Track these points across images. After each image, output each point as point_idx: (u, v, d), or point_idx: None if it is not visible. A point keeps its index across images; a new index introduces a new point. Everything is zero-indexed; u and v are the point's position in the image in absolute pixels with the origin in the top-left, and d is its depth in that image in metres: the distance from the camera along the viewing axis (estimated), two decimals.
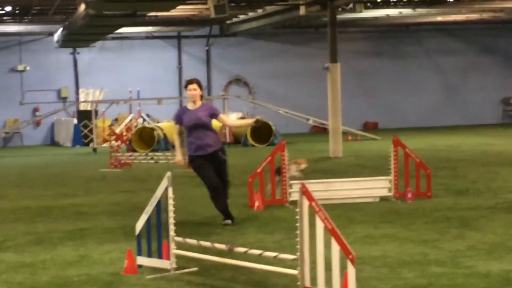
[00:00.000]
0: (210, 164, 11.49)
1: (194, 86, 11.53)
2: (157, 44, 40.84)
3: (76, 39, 34.81)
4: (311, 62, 39.49)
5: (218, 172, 11.59)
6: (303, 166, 14.14)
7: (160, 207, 8.65)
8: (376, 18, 37.14)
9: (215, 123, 11.96)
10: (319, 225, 7.03)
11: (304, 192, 7.18)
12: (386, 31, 42.57)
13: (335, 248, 6.87)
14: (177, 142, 11.87)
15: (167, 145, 30.01)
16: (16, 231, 11.88)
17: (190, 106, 11.66)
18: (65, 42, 36.10)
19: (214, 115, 11.55)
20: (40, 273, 8.84)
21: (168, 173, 8.65)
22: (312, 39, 41.26)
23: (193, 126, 11.45)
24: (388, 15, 35.92)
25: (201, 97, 11.71)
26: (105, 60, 39.91)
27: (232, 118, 24.74)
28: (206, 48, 41.42)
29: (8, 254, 10.02)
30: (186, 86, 11.64)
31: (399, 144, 13.77)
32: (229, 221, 11.59)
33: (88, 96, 37.62)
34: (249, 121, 11.62)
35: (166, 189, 8.61)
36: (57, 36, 36.58)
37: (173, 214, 8.58)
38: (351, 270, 6.72)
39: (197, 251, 8.68)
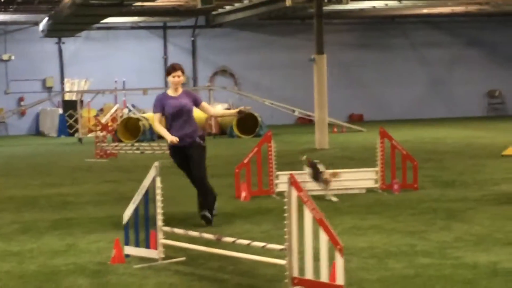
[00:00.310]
0: (186, 157, 10.92)
1: (179, 73, 10.95)
2: (143, 34, 40.74)
3: (61, 28, 34.71)
4: (297, 54, 39.51)
5: (192, 163, 10.95)
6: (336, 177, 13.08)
7: (148, 197, 8.64)
8: (362, 10, 37.18)
9: (199, 115, 11.77)
10: (307, 215, 7.04)
11: (293, 182, 7.19)
12: (372, 23, 42.62)
13: (323, 238, 6.88)
14: (161, 128, 11.11)
15: (152, 136, 29.95)
16: (2, 220, 11.84)
17: (171, 93, 11.05)
18: (50, 32, 35.98)
19: (197, 102, 11.07)
20: (27, 262, 8.82)
21: (156, 163, 8.63)
22: (298, 30, 41.26)
23: (177, 113, 10.88)
24: (374, 7, 35.97)
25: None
26: (90, 50, 39.78)
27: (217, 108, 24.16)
28: (192, 38, 41.36)
29: None
30: (169, 72, 10.97)
31: (385, 136, 13.80)
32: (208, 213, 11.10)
33: (73, 86, 37.49)
34: (232, 111, 11.02)
35: (154, 179, 8.60)
36: (42, 25, 36.43)
37: (161, 204, 8.57)
38: (339, 261, 6.73)
39: (184, 241, 8.68)
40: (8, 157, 24.42)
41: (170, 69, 11.01)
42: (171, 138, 10.73)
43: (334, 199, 11.89)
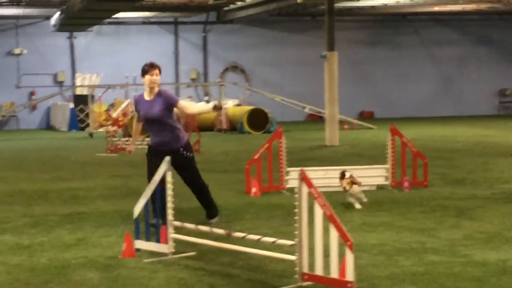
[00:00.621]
0: (159, 162, 9.36)
1: (156, 71, 10.24)
2: (154, 29, 40.79)
3: (73, 23, 34.78)
4: (307, 50, 39.51)
5: (185, 174, 10.48)
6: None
7: (161, 191, 8.67)
8: (373, 7, 37.15)
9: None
10: (318, 211, 7.06)
11: (303, 178, 7.21)
12: (383, 20, 42.58)
13: (334, 234, 6.90)
14: (134, 129, 10.86)
15: None
16: (13, 214, 11.89)
17: (146, 95, 10.33)
18: (62, 26, 36.06)
19: (171, 105, 10.21)
20: (38, 255, 8.86)
21: (167, 158, 8.66)
22: (309, 27, 41.25)
23: (147, 121, 10.28)
24: (385, 4, 35.92)
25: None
26: (101, 45, 39.84)
27: (198, 104, 22.01)
28: (203, 34, 41.37)
29: (5, 236, 10.04)
30: (146, 71, 10.20)
31: (396, 133, 13.79)
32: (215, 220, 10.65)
33: (84, 81, 37.58)
34: (208, 106, 10.17)
35: (164, 174, 8.63)
36: (54, 20, 36.51)
37: (172, 199, 8.59)
38: (349, 257, 6.75)
39: (195, 236, 8.71)
40: (19, 151, 24.50)
41: (147, 68, 10.25)
42: (128, 148, 10.72)
43: (357, 206, 11.69)
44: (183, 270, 7.97)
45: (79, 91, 37.11)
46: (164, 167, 8.60)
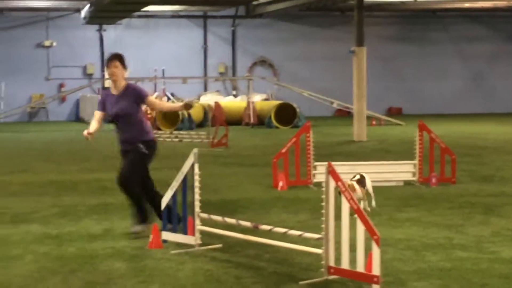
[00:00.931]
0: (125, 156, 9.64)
1: (115, 63, 9.53)
2: (183, 23, 40.85)
3: (103, 16, 34.92)
4: (336, 46, 39.42)
5: (126, 162, 9.65)
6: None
7: (186, 184, 8.70)
8: (403, 2, 37.01)
9: (238, 104, 10.93)
10: (345, 205, 7.06)
11: (331, 171, 7.21)
12: (413, 16, 42.35)
13: (360, 228, 6.89)
14: (92, 122, 9.67)
15: (191, 124, 30.08)
16: (42, 204, 11.99)
17: (112, 90, 9.66)
18: (92, 19, 36.21)
19: (140, 100, 9.54)
20: (65, 244, 8.93)
21: (195, 150, 8.69)
22: (337, 22, 41.14)
23: (115, 116, 9.56)
24: (415, 0, 35.76)
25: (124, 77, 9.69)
26: (131, 38, 39.97)
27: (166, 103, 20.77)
28: (232, 28, 41.38)
29: (34, 226, 10.13)
30: (106, 64, 9.66)
31: (424, 129, 13.74)
32: (138, 228, 9.49)
33: None
34: (179, 104, 9.78)
35: (192, 166, 8.66)
36: (84, 12, 36.68)
37: (199, 191, 8.62)
38: (375, 251, 6.74)
39: (221, 228, 8.73)
40: (48, 143, 24.67)
41: (106, 60, 9.69)
42: (86, 131, 9.47)
43: (368, 208, 10.96)
44: (209, 262, 8.00)
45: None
46: (192, 159, 8.62)
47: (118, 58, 9.62)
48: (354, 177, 11.19)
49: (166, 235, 8.84)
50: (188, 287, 7.08)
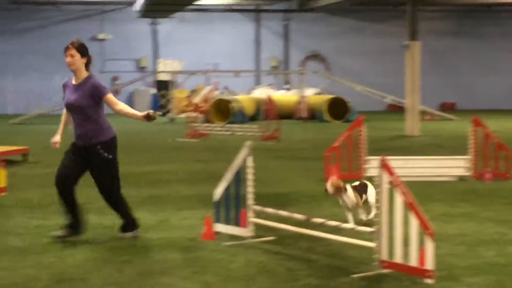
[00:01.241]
0: (77, 159, 8.80)
1: (71, 51, 8.63)
2: (236, 17, 40.98)
3: (156, 9, 35.20)
4: (388, 40, 39.25)
5: (95, 176, 8.96)
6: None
7: (239, 176, 8.75)
8: None
9: (290, 98, 10.63)
10: (398, 199, 7.04)
11: (384, 165, 7.20)
12: (467, 11, 41.97)
13: (414, 222, 6.88)
14: (62, 118, 9.09)
15: (243, 118, 30.18)
16: (97, 195, 12.06)
17: (73, 79, 8.83)
18: (145, 12, 36.51)
19: (97, 96, 8.62)
20: (116, 237, 9.02)
21: (248, 142, 8.73)
22: (390, 16, 40.95)
23: (68, 108, 8.75)
24: None
25: (87, 65, 8.81)
26: (184, 31, 40.23)
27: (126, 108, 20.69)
28: (284, 22, 41.41)
29: (90, 216, 10.23)
30: (64, 52, 8.73)
31: (478, 124, 13.62)
32: (60, 233, 8.81)
33: (166, 67, 38.03)
34: (139, 114, 8.81)
35: (245, 158, 8.70)
36: (138, 6, 36.99)
37: (252, 183, 8.66)
38: (429, 246, 6.72)
39: (274, 221, 8.76)
40: None
41: (64, 47, 8.75)
42: (53, 140, 8.88)
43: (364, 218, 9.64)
44: (262, 254, 8.04)
45: (161, 77, 37.56)
46: (245, 152, 8.67)
47: (74, 46, 8.63)
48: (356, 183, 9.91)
49: (219, 227, 8.90)
50: (241, 279, 7.12)
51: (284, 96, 33.98)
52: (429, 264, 6.75)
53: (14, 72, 38.64)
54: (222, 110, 30.78)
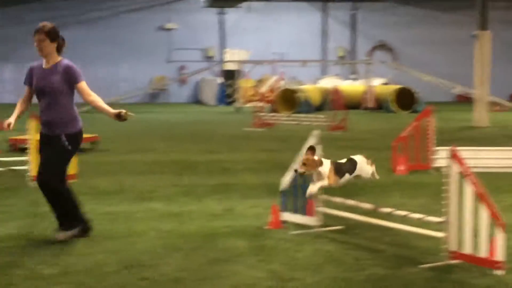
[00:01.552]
0: (45, 148, 8.22)
1: (40, 36, 8.09)
2: (302, 6, 40.89)
3: None
4: (457, 30, 38.76)
5: (44, 159, 8.15)
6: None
7: None
8: None
9: (356, 88, 10.64)
10: (468, 190, 6.95)
11: (454, 155, 7.11)
12: None
13: (484, 213, 6.78)
14: (18, 104, 8.40)
15: (309, 108, 30.12)
16: (164, 183, 12.25)
17: (44, 63, 8.23)
18: (212, 2, 36.67)
19: (72, 81, 8.11)
20: (187, 222, 9.10)
21: (316, 132, 8.70)
22: (459, 6, 40.39)
23: (40, 91, 8.14)
24: None
25: (59, 50, 8.23)
26: (250, 21, 40.28)
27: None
28: (352, 12, 41.15)
29: (157, 204, 10.36)
30: (33, 36, 8.09)
31: None
32: (60, 235, 8.16)
33: (233, 56, 38.14)
34: (111, 111, 8.17)
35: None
36: None
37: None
38: (500, 237, 6.63)
39: (341, 210, 8.73)
40: (169, 123, 25.17)
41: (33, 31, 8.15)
42: (6, 121, 8.13)
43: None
44: (329, 243, 8.02)
45: (227, 67, 37.68)
46: (313, 141, 8.63)
47: (43, 31, 8.08)
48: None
49: (286, 216, 8.90)
50: (308, 268, 7.11)
51: (350, 86, 33.82)
52: (500, 255, 6.66)
53: (83, 61, 39.19)
54: (288, 100, 30.76)
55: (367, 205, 8.33)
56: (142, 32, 39.74)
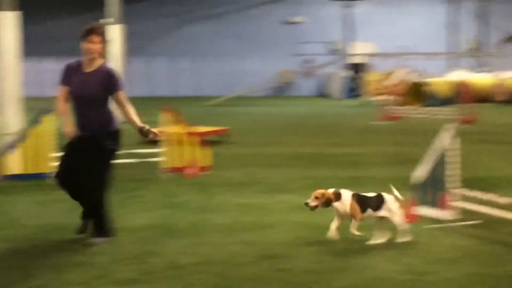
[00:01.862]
0: (79, 151, 7.65)
1: (94, 37, 7.59)
2: None
3: None
4: None
5: (88, 166, 7.62)
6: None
7: (443, 159, 8.59)
8: None
9: (483, 81, 10.30)
10: None
11: None
12: None
13: None
14: (63, 109, 7.75)
15: (437, 101, 29.69)
16: (295, 175, 12.30)
17: (84, 66, 7.69)
18: None
19: (112, 88, 7.63)
20: (318, 215, 9.02)
21: (450, 126, 8.55)
22: None
23: (78, 97, 7.65)
24: None
25: (104, 53, 7.73)
26: (377, 14, 40.00)
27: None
28: (482, 3, 40.29)
29: (289, 196, 10.40)
30: (82, 37, 7.59)
31: None
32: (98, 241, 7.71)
33: (359, 50, 37.95)
34: (137, 124, 7.66)
35: (448, 141, 8.53)
36: None
37: (457, 166, 8.49)
38: None
39: (479, 204, 8.55)
40: (297, 117, 25.25)
41: (84, 32, 7.60)
42: (67, 130, 7.64)
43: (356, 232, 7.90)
44: (466, 238, 7.86)
45: (354, 60, 37.51)
46: (449, 134, 8.50)
47: (98, 31, 7.64)
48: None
49: (421, 210, 8.78)
50: (444, 262, 7.00)
51: (480, 79, 33.10)
52: None
53: (210, 55, 39.67)
54: (415, 93, 30.37)
55: (506, 200, 8.13)
56: (266, 26, 39.98)
